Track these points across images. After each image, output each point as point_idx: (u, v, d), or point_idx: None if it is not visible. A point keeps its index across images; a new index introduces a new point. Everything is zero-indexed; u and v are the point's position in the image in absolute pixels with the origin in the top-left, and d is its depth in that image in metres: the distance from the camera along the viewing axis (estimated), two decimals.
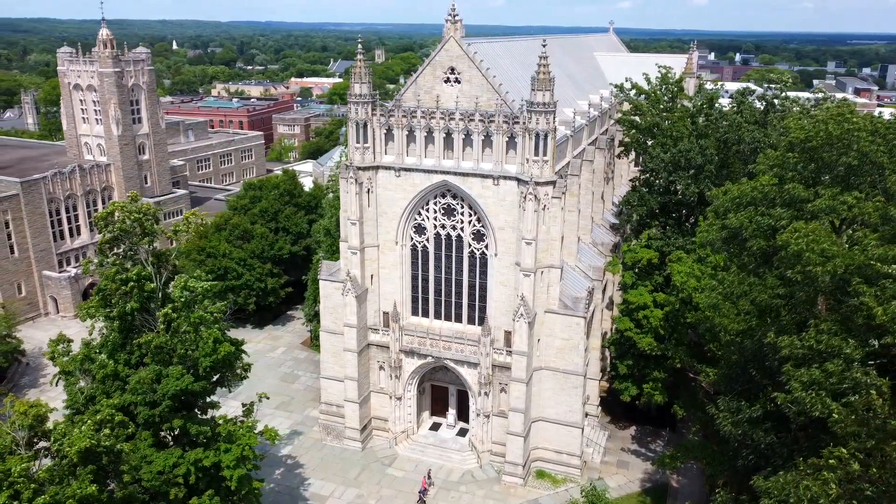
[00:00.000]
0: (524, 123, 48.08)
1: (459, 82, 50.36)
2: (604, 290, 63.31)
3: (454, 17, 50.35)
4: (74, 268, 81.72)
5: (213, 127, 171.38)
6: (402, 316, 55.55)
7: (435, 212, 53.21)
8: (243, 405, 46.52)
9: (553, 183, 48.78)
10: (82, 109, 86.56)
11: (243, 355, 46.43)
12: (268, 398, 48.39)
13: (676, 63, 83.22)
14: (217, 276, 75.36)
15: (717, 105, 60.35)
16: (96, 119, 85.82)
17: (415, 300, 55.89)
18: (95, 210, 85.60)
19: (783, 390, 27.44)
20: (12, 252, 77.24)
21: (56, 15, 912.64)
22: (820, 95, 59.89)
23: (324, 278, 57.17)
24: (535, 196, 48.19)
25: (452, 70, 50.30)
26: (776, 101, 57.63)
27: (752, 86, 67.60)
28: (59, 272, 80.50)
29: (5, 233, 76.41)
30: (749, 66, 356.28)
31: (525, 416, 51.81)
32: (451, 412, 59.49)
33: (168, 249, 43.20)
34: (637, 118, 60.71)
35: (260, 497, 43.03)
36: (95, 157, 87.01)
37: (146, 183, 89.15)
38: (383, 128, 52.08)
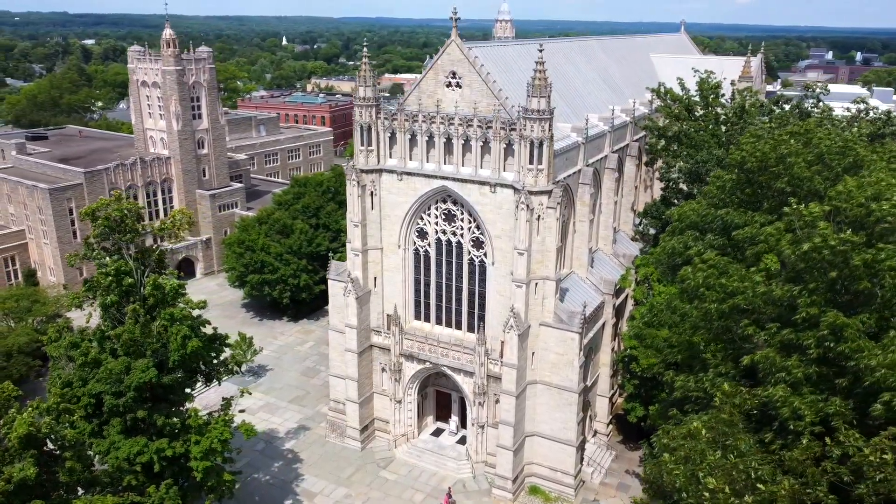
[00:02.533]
0: (520, 130, 46.79)
1: (460, 87, 49.61)
2: (624, 304, 60.86)
3: (455, 18, 49.51)
4: None
5: (297, 122, 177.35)
6: (404, 320, 55.51)
7: (436, 217, 52.75)
8: (241, 390, 48.20)
9: (548, 192, 47.19)
10: (148, 105, 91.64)
11: (226, 349, 48.00)
12: (249, 394, 49.59)
13: (738, 66, 78.64)
14: (254, 269, 78.10)
15: (752, 112, 56.38)
16: (160, 114, 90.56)
17: (417, 304, 55.66)
18: (155, 200, 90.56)
19: None
20: (75, 237, 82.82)
21: (183, 12, 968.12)
22: (861, 106, 54.57)
23: (331, 278, 57.93)
24: (528, 205, 46.81)
25: (454, 74, 49.59)
26: (813, 110, 53.03)
27: (788, 93, 62.60)
28: None
29: (69, 219, 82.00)
30: (869, 67, 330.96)
31: (516, 429, 50.58)
32: (454, 419, 58.93)
33: (152, 246, 44.82)
34: (663, 124, 57.71)
35: (231, 489, 44.26)
36: (158, 150, 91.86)
37: (204, 176, 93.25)
38: (387, 131, 52.06)
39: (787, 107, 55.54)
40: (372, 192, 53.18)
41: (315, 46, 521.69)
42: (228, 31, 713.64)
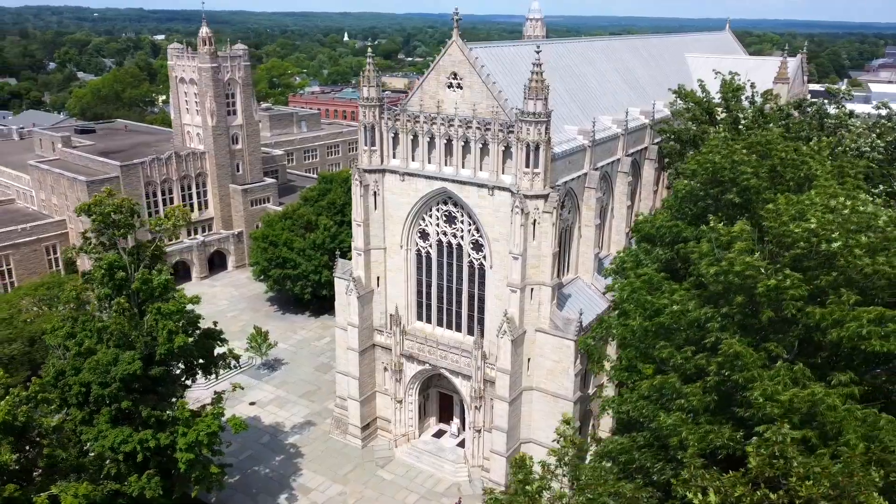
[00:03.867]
0: (517, 133, 46.07)
1: (461, 88, 49.19)
2: None
3: (456, 19, 49.10)
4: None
5: (344, 118, 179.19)
6: (406, 320, 55.51)
7: (437, 218, 52.52)
8: (233, 385, 49.20)
9: (544, 197, 46.34)
10: (185, 101, 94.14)
11: (220, 344, 48.94)
12: (241, 388, 50.47)
13: (773, 68, 75.52)
14: (277, 264, 79.42)
15: (773, 117, 53.96)
16: (196, 110, 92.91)
17: (419, 305, 55.57)
18: (190, 194, 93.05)
19: None
20: None
21: (252, 8, 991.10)
22: (884, 112, 51.28)
23: (337, 276, 58.34)
24: (522, 209, 46.10)
25: (455, 75, 49.21)
26: (826, 116, 50.31)
27: (812, 98, 59.57)
28: None
29: None
30: None
31: (509, 436, 50.01)
32: (455, 421, 58.66)
33: (146, 242, 45.95)
34: (678, 127, 55.91)
35: (220, 481, 45.14)
36: (195, 145, 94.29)
37: (238, 171, 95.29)
38: (390, 132, 52.05)
39: (810, 110, 52.90)
40: (375, 193, 53.29)
41: (377, 42, 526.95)
42: (294, 27, 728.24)
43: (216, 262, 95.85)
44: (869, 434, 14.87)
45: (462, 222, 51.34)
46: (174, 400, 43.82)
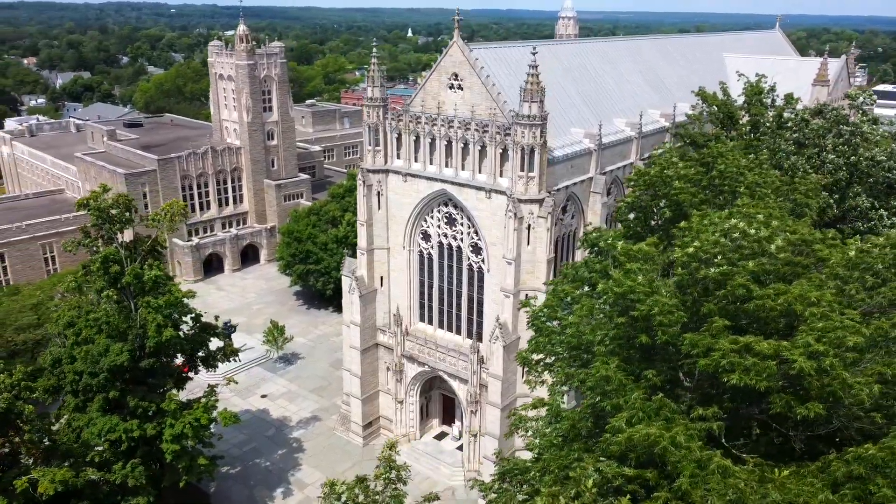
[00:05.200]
0: (513, 136, 45.30)
1: (462, 89, 48.66)
2: None
3: (457, 19, 48.61)
4: (199, 238, 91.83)
5: None
6: (409, 321, 55.46)
7: (438, 220, 52.20)
8: (227, 379, 50.09)
9: (539, 201, 45.44)
10: (224, 97, 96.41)
11: (220, 338, 49.85)
12: (236, 382, 51.34)
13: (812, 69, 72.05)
14: (300, 259, 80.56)
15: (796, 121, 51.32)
16: (233, 106, 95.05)
17: (422, 306, 55.40)
18: (225, 188, 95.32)
19: None
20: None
21: (321, 4, 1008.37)
22: None
23: (343, 274, 58.72)
24: (515, 213, 45.33)
25: (456, 76, 48.72)
26: (843, 123, 47.25)
27: (839, 104, 56.13)
28: (187, 241, 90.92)
29: (143, 202, 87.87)
30: None
31: (501, 442, 49.31)
32: (457, 424, 58.25)
33: (143, 237, 47.09)
34: (694, 131, 53.92)
35: (210, 472, 46.03)
36: (232, 140, 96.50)
37: (272, 166, 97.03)
38: (394, 132, 51.97)
39: (830, 116, 49.96)
40: (379, 193, 53.34)
41: (440, 38, 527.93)
42: (362, 22, 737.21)
43: (250, 256, 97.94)
44: (716, 484, 13.68)
45: (462, 225, 50.89)
46: (164, 391, 44.80)
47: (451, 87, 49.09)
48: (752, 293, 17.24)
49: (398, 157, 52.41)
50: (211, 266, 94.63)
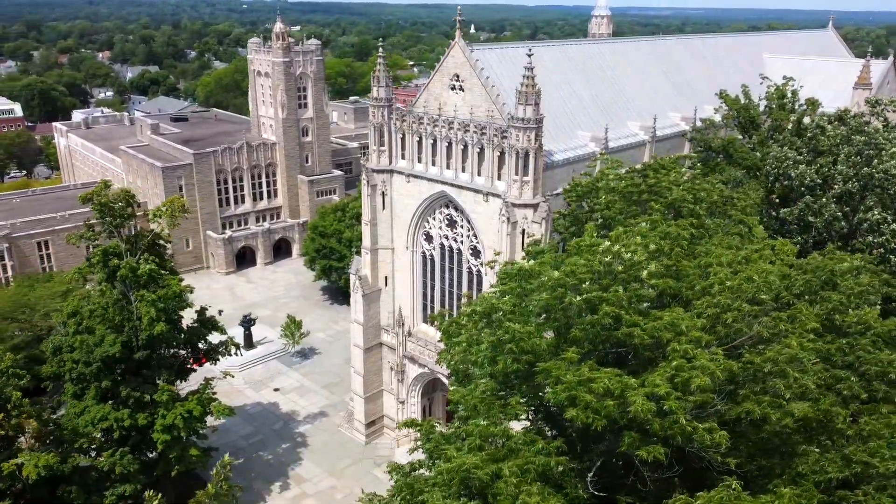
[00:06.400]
0: (509, 139, 44.54)
1: (463, 90, 48.15)
2: None
3: (460, 20, 48.05)
4: (231, 231, 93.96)
5: None
6: (412, 321, 55.34)
7: (440, 222, 51.86)
8: (223, 373, 51.03)
9: (534, 206, 44.53)
10: (261, 93, 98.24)
11: (219, 334, 50.74)
12: (232, 376, 52.25)
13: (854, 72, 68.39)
14: (324, 254, 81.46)
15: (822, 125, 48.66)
16: (270, 102, 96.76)
17: (425, 308, 55.16)
18: (259, 183, 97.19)
19: None
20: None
21: (387, 0, 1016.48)
22: None
23: (351, 272, 58.93)
24: (508, 218, 44.59)
25: (457, 77, 48.23)
26: (860, 133, 44.28)
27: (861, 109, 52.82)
28: (220, 234, 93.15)
29: (179, 194, 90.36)
30: None
31: None
32: None
33: (146, 230, 48.28)
34: (707, 136, 51.99)
35: (203, 463, 47.04)
36: (269, 136, 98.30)
37: (307, 162, 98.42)
38: (398, 132, 51.85)
39: (852, 123, 47.10)
40: (383, 193, 53.34)
41: (502, 34, 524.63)
42: (427, 18, 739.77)
43: (282, 250, 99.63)
44: None
45: (462, 227, 50.42)
46: (157, 383, 45.90)
47: (453, 87, 48.61)
48: (620, 321, 16.30)
49: (402, 158, 52.27)
50: (245, 259, 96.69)
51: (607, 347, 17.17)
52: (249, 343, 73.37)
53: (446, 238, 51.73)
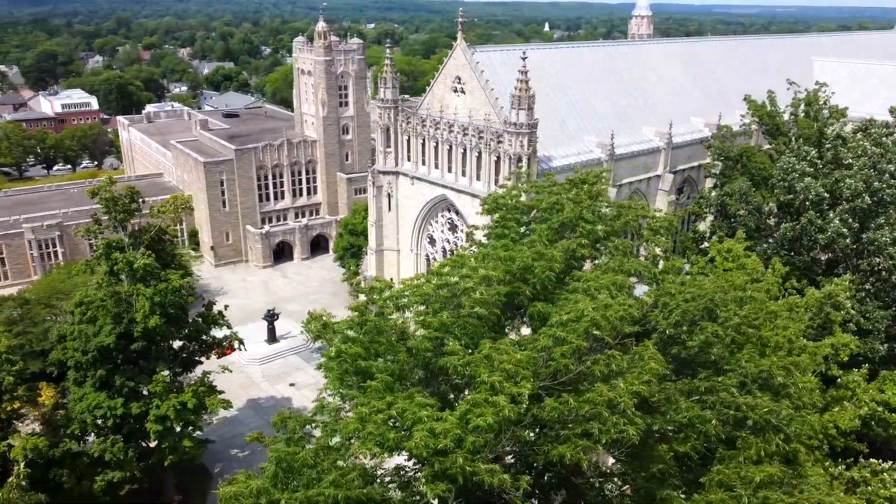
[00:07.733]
0: (504, 144, 43.68)
1: (465, 93, 47.57)
2: None
3: (461, 21, 47.39)
4: (270, 226, 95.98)
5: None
6: None
7: (442, 225, 51.43)
8: (222, 368, 51.90)
9: None
10: (305, 91, 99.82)
11: (221, 329, 51.61)
12: (230, 371, 52.84)
13: None
14: (352, 252, 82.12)
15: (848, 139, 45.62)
16: (312, 100, 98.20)
17: None
18: (299, 179, 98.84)
19: None
20: (224, 206, 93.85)
21: None
22: None
23: (360, 272, 59.17)
24: None
25: (459, 79, 47.70)
26: (878, 145, 40.88)
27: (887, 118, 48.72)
28: (259, 229, 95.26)
29: (220, 189, 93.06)
30: None
31: None
32: None
33: (149, 225, 49.59)
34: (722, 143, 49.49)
35: (197, 453, 48.09)
36: (311, 133, 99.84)
37: (346, 160, 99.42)
38: (405, 134, 51.69)
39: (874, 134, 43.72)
40: (389, 194, 53.35)
41: (577, 32, 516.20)
42: (502, 16, 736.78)
43: (321, 245, 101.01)
44: None
45: (462, 231, 49.78)
46: (156, 374, 47.10)
47: (455, 90, 48.08)
48: (444, 348, 15.48)
49: (408, 160, 52.09)
50: (283, 254, 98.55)
51: (434, 375, 16.43)
52: (272, 337, 74.58)
53: (447, 241, 51.24)
